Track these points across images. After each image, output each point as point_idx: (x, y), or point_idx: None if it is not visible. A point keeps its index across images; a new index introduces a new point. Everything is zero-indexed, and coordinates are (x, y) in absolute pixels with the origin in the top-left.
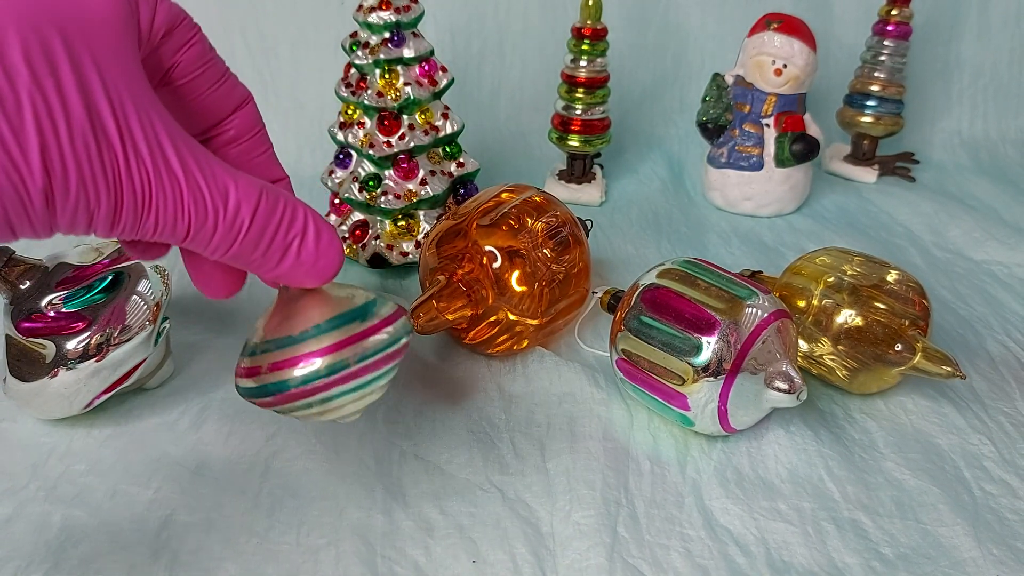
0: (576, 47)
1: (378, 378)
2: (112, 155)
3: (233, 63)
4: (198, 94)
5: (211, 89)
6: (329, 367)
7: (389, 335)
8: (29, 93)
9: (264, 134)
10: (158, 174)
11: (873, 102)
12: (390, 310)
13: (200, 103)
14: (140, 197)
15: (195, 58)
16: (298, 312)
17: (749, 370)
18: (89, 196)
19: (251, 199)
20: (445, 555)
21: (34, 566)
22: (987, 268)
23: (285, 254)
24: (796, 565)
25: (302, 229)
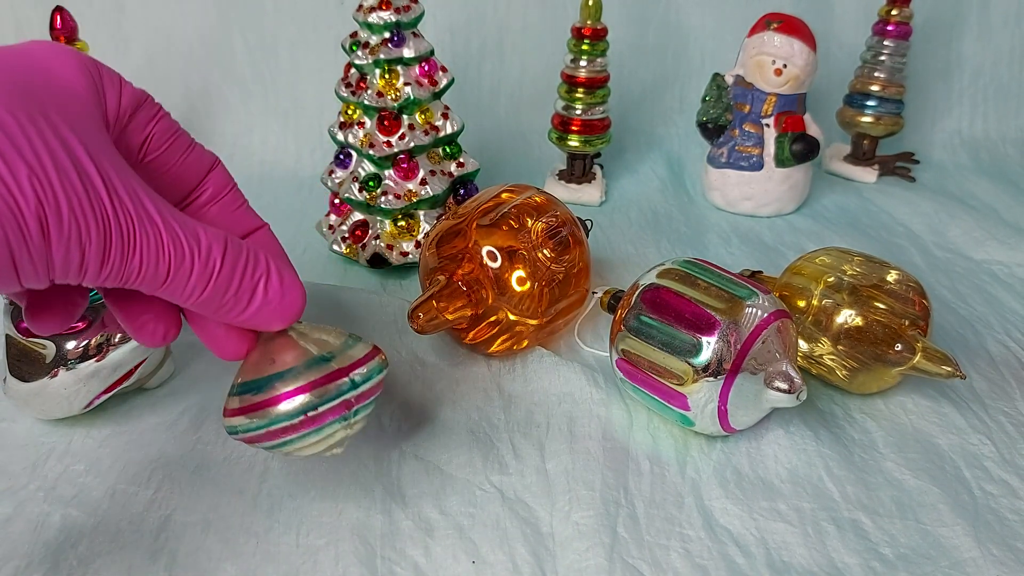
0: (576, 47)
1: (358, 411)
2: (97, 196)
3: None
4: (171, 164)
5: (182, 157)
6: (304, 405)
7: (362, 375)
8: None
9: (237, 190)
10: (140, 218)
11: (873, 102)
12: (364, 351)
13: (174, 173)
14: (126, 236)
15: (163, 132)
16: (276, 352)
17: (749, 370)
18: (80, 227)
19: (220, 242)
20: (444, 555)
21: (33, 566)
22: (987, 268)
23: (253, 294)
24: (796, 565)
25: (266, 270)
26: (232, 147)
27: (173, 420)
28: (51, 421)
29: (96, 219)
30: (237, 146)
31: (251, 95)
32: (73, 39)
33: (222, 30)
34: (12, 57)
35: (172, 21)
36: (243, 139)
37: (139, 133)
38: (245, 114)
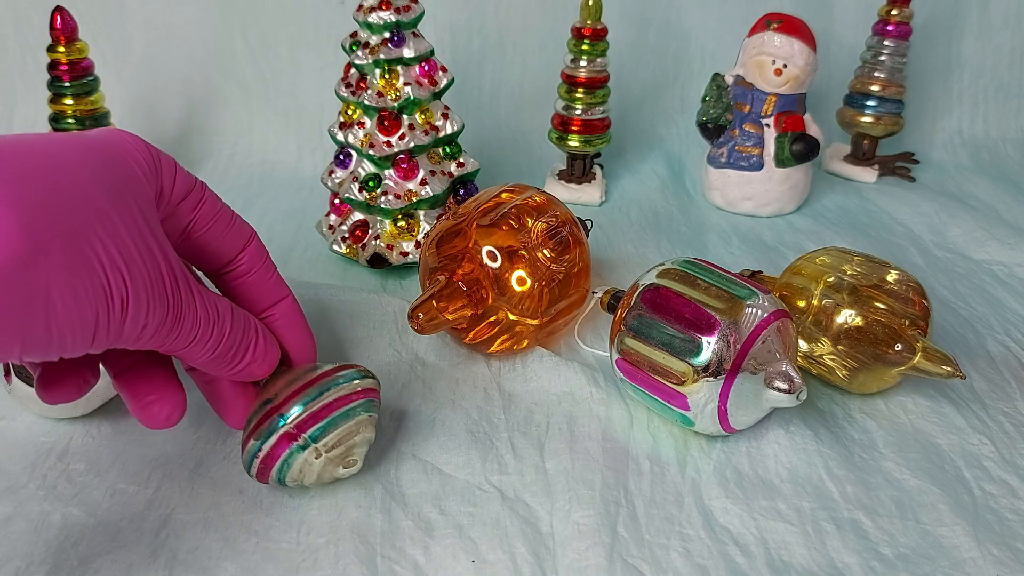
0: (576, 47)
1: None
2: (162, 279)
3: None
4: (213, 239)
5: (223, 234)
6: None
7: (343, 377)
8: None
9: (268, 262)
10: (187, 296)
11: (873, 102)
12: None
13: (214, 248)
14: (177, 311)
15: (207, 214)
16: (270, 385)
17: (749, 370)
18: (149, 310)
19: (229, 309)
20: (444, 555)
21: (34, 566)
22: (987, 268)
23: (247, 351)
24: (796, 565)
25: (255, 331)
26: (232, 147)
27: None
28: (51, 420)
29: (162, 298)
30: (237, 145)
31: (251, 95)
32: (73, 39)
33: (222, 30)
34: (102, 148)
35: (172, 21)
36: (243, 138)
37: (186, 215)
38: (245, 113)
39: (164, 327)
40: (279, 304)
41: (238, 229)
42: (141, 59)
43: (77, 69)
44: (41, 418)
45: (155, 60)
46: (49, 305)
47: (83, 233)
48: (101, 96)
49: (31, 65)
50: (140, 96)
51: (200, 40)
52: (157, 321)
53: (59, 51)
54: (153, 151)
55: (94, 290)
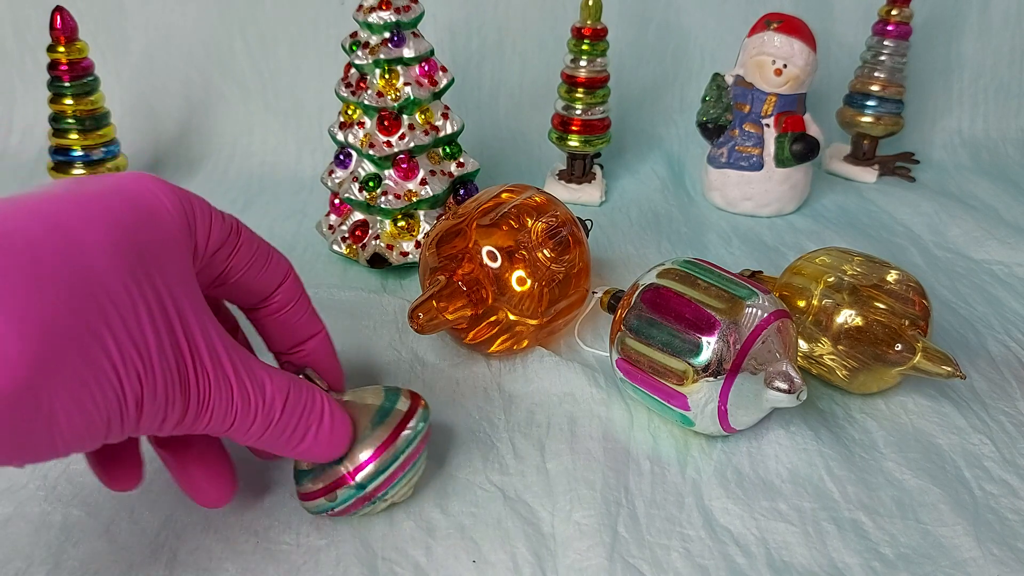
0: (576, 47)
1: (385, 495)
2: (185, 368)
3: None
4: (249, 281)
5: (259, 275)
6: (375, 472)
7: (413, 429)
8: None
9: (305, 296)
10: (217, 379)
11: (873, 102)
12: (407, 404)
13: (252, 286)
14: (202, 400)
15: (245, 256)
16: None
17: (749, 370)
18: (168, 403)
19: (283, 391)
20: (446, 555)
21: (35, 567)
22: (987, 268)
23: (306, 435)
24: (796, 565)
25: (320, 413)
26: (232, 147)
27: None
28: None
29: (182, 390)
30: (237, 146)
31: (251, 95)
32: (73, 39)
33: (222, 30)
34: (129, 209)
35: (172, 21)
36: (243, 139)
37: (221, 264)
38: (245, 114)
39: (187, 418)
40: (311, 340)
41: (275, 267)
42: (141, 59)
43: (77, 69)
44: None
45: (155, 60)
46: (53, 422)
47: (96, 332)
48: (101, 96)
49: (31, 65)
50: (140, 96)
51: (200, 40)
52: (178, 414)
53: (59, 51)
54: (187, 202)
55: (104, 400)
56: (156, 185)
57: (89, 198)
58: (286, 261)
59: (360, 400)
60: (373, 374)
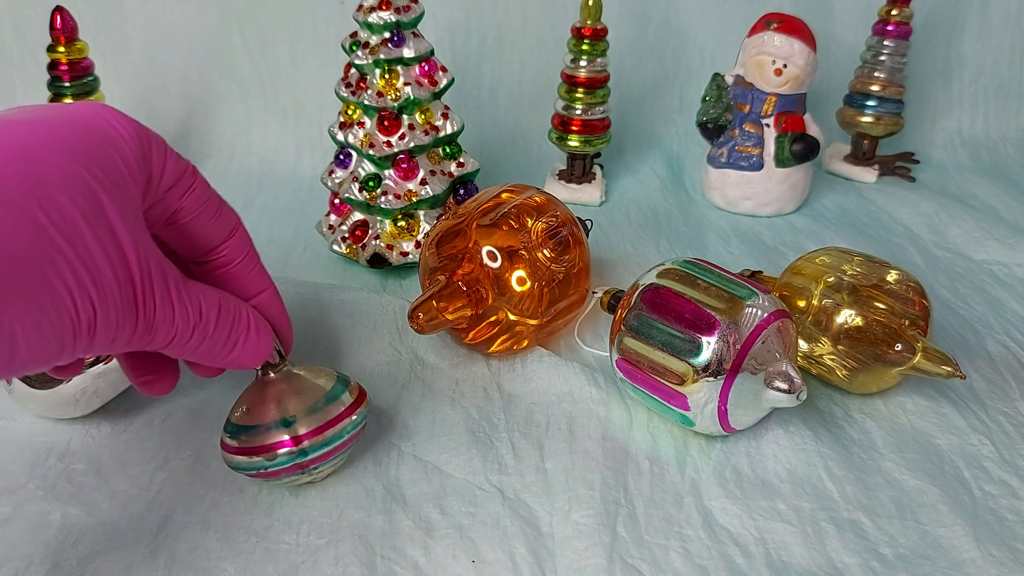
0: (576, 47)
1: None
2: (132, 293)
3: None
4: (198, 228)
5: (209, 223)
6: (321, 443)
7: (313, 444)
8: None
9: (253, 253)
10: (163, 303)
11: (873, 102)
12: (350, 398)
13: (200, 235)
14: (150, 322)
15: (196, 201)
16: (272, 399)
17: (749, 370)
18: (119, 325)
19: (215, 307)
20: (444, 555)
21: (34, 566)
22: (987, 268)
23: (235, 345)
24: (795, 565)
25: (247, 324)
26: (232, 146)
27: (172, 419)
28: (51, 420)
29: (132, 312)
30: (237, 145)
31: (251, 94)
32: (73, 39)
33: (222, 29)
34: (84, 135)
35: (172, 21)
36: (243, 138)
37: (174, 203)
38: (245, 113)
39: (136, 337)
40: (260, 296)
41: (224, 218)
42: (141, 59)
43: (77, 69)
44: (41, 418)
45: (154, 60)
46: (13, 343)
47: (51, 258)
48: (101, 96)
49: (31, 65)
50: (140, 96)
51: (199, 40)
52: (128, 334)
53: (59, 51)
54: (144, 135)
55: (60, 323)
56: (112, 114)
57: (45, 124)
58: (236, 216)
59: (313, 378)
60: (373, 374)
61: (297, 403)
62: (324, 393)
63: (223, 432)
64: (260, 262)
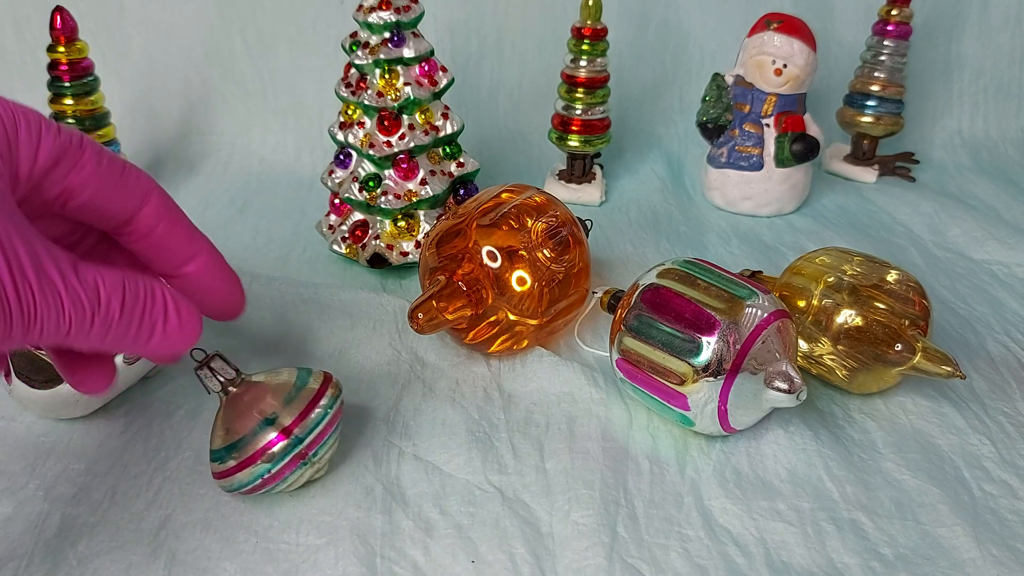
0: (576, 47)
1: (316, 453)
2: (1, 284)
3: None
4: (99, 203)
5: (110, 195)
6: (283, 450)
7: (305, 428)
8: None
9: (178, 216)
10: (42, 291)
11: (873, 102)
12: (318, 381)
13: (105, 206)
14: (27, 313)
15: (87, 177)
16: (246, 408)
17: (749, 370)
18: None
19: (118, 290)
20: (444, 555)
21: (34, 566)
22: (987, 268)
23: (153, 331)
24: (795, 565)
25: (163, 308)
26: (231, 146)
27: (172, 419)
28: (51, 420)
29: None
30: (236, 145)
31: (251, 94)
32: (73, 39)
33: (222, 30)
34: None
35: (172, 21)
36: (243, 138)
37: (58, 183)
38: (245, 113)
39: (15, 333)
40: (193, 261)
41: (131, 186)
42: (141, 59)
43: (77, 69)
44: (41, 418)
45: (154, 60)
46: None
47: None
48: (101, 96)
49: (31, 65)
50: (140, 96)
51: (199, 40)
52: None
53: (59, 51)
54: (8, 120)
55: None
56: None
57: None
58: (147, 178)
59: (274, 377)
60: (373, 374)
61: (271, 400)
62: (292, 384)
63: (212, 464)
64: (188, 224)
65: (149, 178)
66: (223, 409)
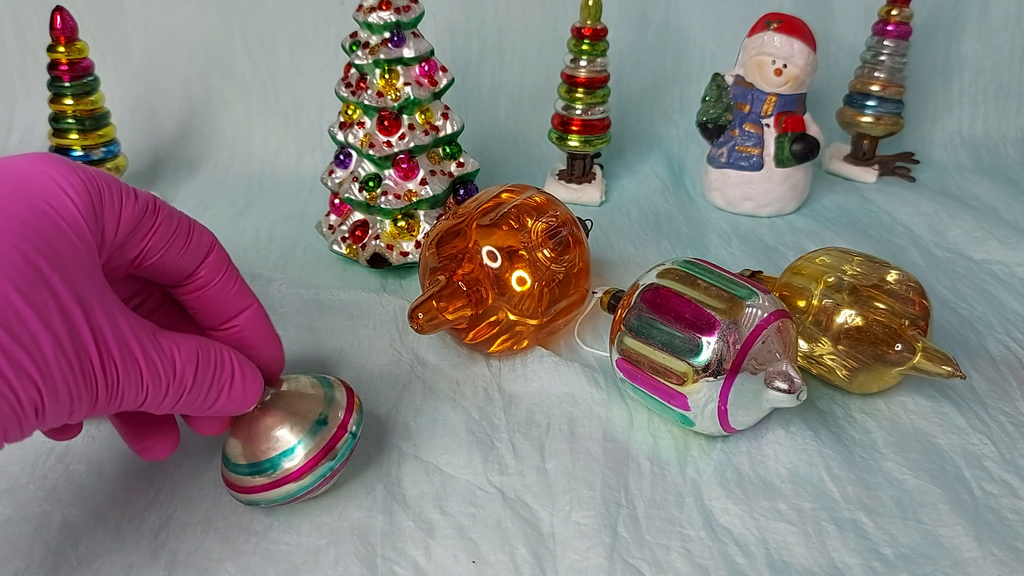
0: (576, 47)
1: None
2: (90, 364)
3: (233, 63)
4: (170, 258)
5: (180, 252)
6: (322, 471)
7: (356, 422)
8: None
9: (232, 270)
10: (124, 366)
11: (873, 102)
12: (343, 395)
13: (173, 264)
14: (111, 388)
15: (162, 237)
16: (271, 429)
17: (749, 370)
18: (72, 403)
19: (192, 360)
20: (445, 555)
21: (34, 567)
22: (987, 268)
23: (219, 395)
24: (796, 565)
25: (231, 373)
26: (232, 147)
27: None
28: None
29: (88, 388)
30: (237, 146)
31: (251, 95)
32: (73, 39)
33: (222, 30)
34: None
35: (172, 21)
36: (243, 139)
37: (137, 245)
38: (245, 114)
39: (99, 404)
40: (243, 314)
41: (196, 243)
42: (141, 60)
43: (77, 69)
44: None
45: (155, 61)
46: None
47: None
48: (101, 96)
49: (31, 65)
50: (140, 96)
51: (199, 40)
52: (86, 407)
53: (59, 51)
54: (93, 187)
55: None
56: (57, 170)
57: None
58: (209, 235)
59: (298, 385)
60: (373, 374)
61: (311, 403)
62: (321, 383)
63: (236, 475)
64: (240, 278)
65: (210, 233)
66: (246, 424)
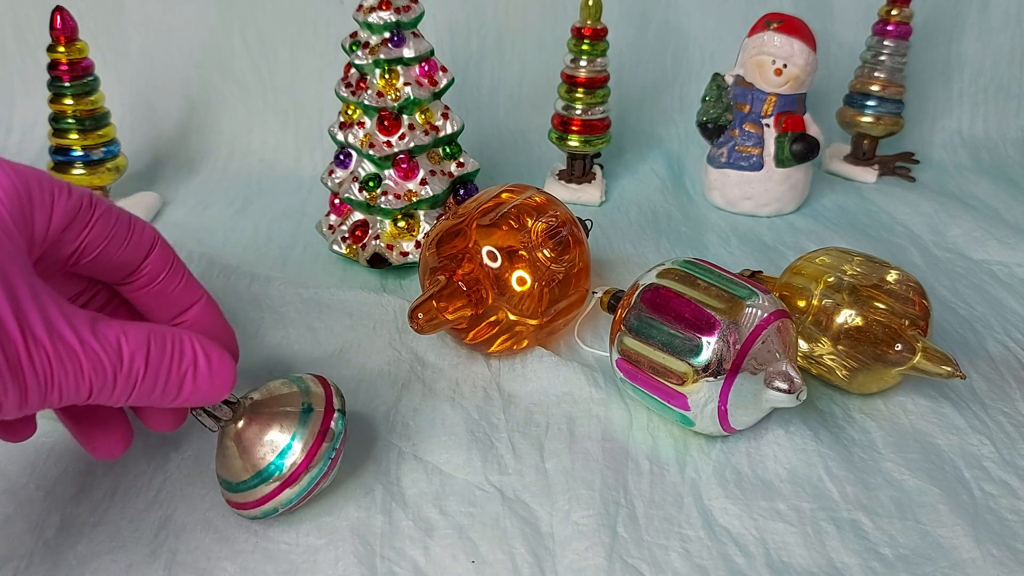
0: (576, 47)
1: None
2: (14, 350)
3: (233, 63)
4: (110, 255)
5: (120, 250)
6: (327, 453)
7: (340, 403)
8: None
9: (178, 265)
10: (58, 354)
11: (873, 102)
12: (316, 384)
13: (114, 260)
14: (42, 379)
15: (99, 235)
16: (259, 438)
17: (749, 370)
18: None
19: (143, 348)
20: (444, 555)
21: (34, 566)
22: (987, 268)
23: (182, 384)
24: (795, 565)
25: (192, 360)
26: (231, 147)
27: None
28: (51, 420)
29: (13, 378)
30: (236, 146)
31: (251, 95)
32: (73, 39)
33: (222, 30)
34: None
35: (172, 21)
36: (243, 139)
37: (72, 242)
38: (245, 114)
39: (31, 398)
40: (192, 309)
41: (137, 239)
42: (141, 59)
43: (77, 69)
44: (41, 418)
45: (154, 60)
46: None
47: None
48: (101, 96)
49: (31, 65)
50: (140, 96)
51: (199, 40)
52: (16, 398)
53: (59, 51)
54: (22, 184)
55: None
56: None
57: None
58: (151, 230)
59: (276, 390)
60: (373, 374)
61: (290, 399)
62: (291, 380)
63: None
64: (188, 273)
65: (153, 228)
66: (228, 442)
